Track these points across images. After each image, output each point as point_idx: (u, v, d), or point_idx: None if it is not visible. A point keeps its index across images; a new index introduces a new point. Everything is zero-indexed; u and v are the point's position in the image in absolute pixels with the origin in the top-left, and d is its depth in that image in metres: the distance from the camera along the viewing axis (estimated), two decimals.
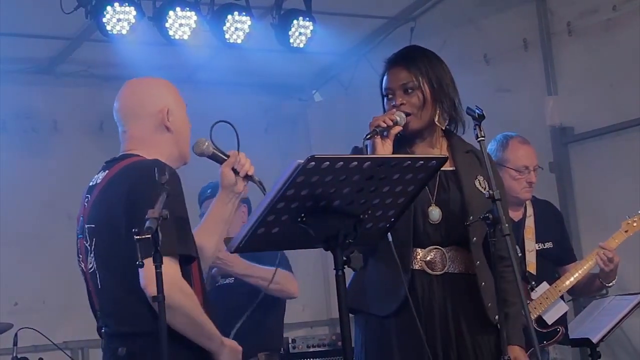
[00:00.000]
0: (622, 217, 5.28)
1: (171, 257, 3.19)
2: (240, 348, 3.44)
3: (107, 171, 3.46)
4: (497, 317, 3.62)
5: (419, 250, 3.63)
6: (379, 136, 3.59)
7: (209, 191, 5.43)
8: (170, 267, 3.18)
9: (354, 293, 3.68)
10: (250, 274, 5.19)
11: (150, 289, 3.10)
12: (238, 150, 3.57)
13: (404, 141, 3.71)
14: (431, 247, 3.65)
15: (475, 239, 3.65)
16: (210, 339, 3.31)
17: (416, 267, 3.62)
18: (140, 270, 3.11)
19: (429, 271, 3.63)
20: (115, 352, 3.33)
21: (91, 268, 3.41)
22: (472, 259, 3.65)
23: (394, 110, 3.67)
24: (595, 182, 6.79)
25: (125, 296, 3.28)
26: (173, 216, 3.16)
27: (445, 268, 3.65)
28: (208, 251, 3.60)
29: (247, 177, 3.56)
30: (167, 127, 3.48)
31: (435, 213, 3.64)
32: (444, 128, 3.77)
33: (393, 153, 3.60)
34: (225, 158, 3.57)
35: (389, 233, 3.30)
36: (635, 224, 5.18)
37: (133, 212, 3.21)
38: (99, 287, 3.38)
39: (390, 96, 3.75)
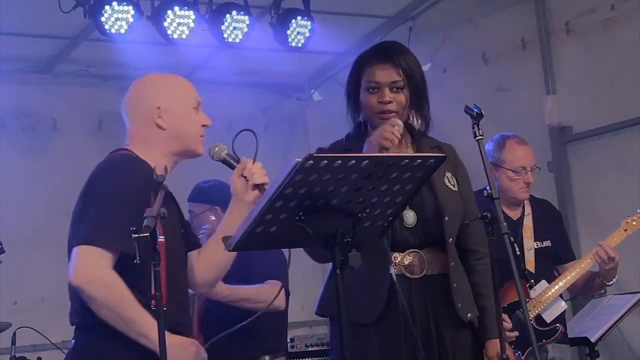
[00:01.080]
0: (620, 216, 5.27)
1: (105, 249, 3.20)
2: (196, 348, 3.35)
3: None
4: (469, 315, 3.65)
5: (397, 254, 3.62)
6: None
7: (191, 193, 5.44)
8: (94, 256, 3.20)
9: (327, 299, 3.68)
10: (233, 298, 5.14)
11: (73, 278, 3.18)
12: (255, 158, 3.50)
13: (364, 138, 3.72)
14: (409, 250, 3.63)
15: (450, 239, 3.65)
16: (143, 336, 3.21)
17: (395, 271, 3.58)
18: (71, 255, 3.19)
19: (408, 275, 3.62)
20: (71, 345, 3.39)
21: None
22: (448, 259, 3.65)
23: (394, 119, 3.61)
24: (593, 181, 6.79)
25: (72, 286, 3.30)
26: (112, 209, 3.24)
27: (424, 271, 3.64)
28: (221, 260, 3.59)
29: (257, 187, 3.47)
30: (158, 125, 3.51)
31: (410, 216, 3.62)
32: (416, 128, 3.78)
33: (361, 152, 3.59)
34: (236, 165, 3.52)
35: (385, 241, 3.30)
36: (634, 223, 5.17)
37: (84, 200, 3.34)
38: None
39: (374, 90, 3.70)
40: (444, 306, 3.64)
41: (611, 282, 5.14)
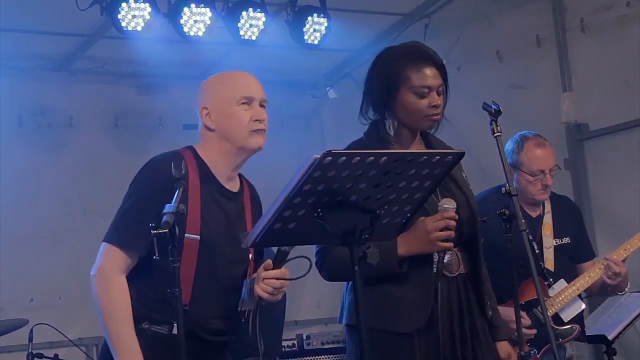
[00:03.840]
0: (637, 214, 5.23)
1: (124, 250, 3.34)
2: None
3: None
4: (489, 312, 3.73)
5: (435, 253, 3.64)
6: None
7: None
8: (110, 255, 3.35)
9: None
10: None
11: (93, 272, 3.37)
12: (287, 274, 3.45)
13: (388, 139, 3.75)
14: None
15: (482, 239, 3.71)
16: (114, 352, 3.30)
17: (434, 271, 3.63)
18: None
19: (447, 274, 3.66)
20: None
21: None
22: (478, 259, 3.70)
23: (449, 209, 3.57)
24: (610, 179, 6.76)
25: None
26: (133, 207, 3.38)
27: (459, 269, 3.68)
28: None
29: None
30: (207, 126, 3.55)
31: None
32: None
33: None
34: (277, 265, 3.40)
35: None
36: None
37: None
38: None
39: (425, 93, 3.70)
40: (475, 304, 3.70)
41: (622, 293, 5.08)
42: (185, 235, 3.35)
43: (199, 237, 3.39)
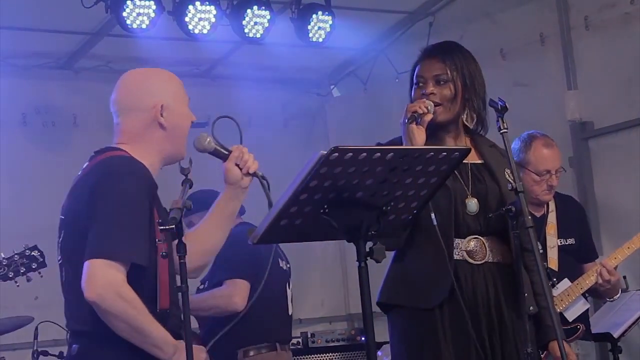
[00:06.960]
0: None
1: (115, 261, 3.10)
2: (205, 355, 3.29)
3: (89, 162, 3.42)
4: (531, 307, 3.67)
5: (458, 240, 3.67)
6: (415, 122, 3.63)
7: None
8: (110, 271, 3.08)
9: (389, 288, 3.75)
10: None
11: (88, 292, 3.06)
12: (241, 145, 3.43)
13: (428, 135, 3.73)
14: (471, 237, 3.69)
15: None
16: (157, 348, 3.15)
17: (457, 257, 3.66)
18: (84, 268, 3.08)
19: (470, 260, 3.68)
20: (70, 349, 3.27)
21: (59, 261, 3.36)
22: (510, 249, 3.69)
23: (425, 99, 3.71)
24: (614, 177, 6.76)
25: (79, 293, 3.13)
26: (125, 218, 3.13)
27: (486, 257, 3.69)
28: (213, 246, 3.53)
29: (250, 174, 3.42)
30: (160, 124, 3.36)
31: (472, 205, 3.69)
32: (471, 127, 3.81)
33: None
34: (228, 154, 3.43)
35: (435, 220, 3.39)
36: None
37: (92, 208, 3.17)
38: (63, 281, 3.33)
39: (420, 84, 3.78)
40: (506, 295, 3.69)
41: (613, 299, 5.07)
42: (157, 241, 3.23)
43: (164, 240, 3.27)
